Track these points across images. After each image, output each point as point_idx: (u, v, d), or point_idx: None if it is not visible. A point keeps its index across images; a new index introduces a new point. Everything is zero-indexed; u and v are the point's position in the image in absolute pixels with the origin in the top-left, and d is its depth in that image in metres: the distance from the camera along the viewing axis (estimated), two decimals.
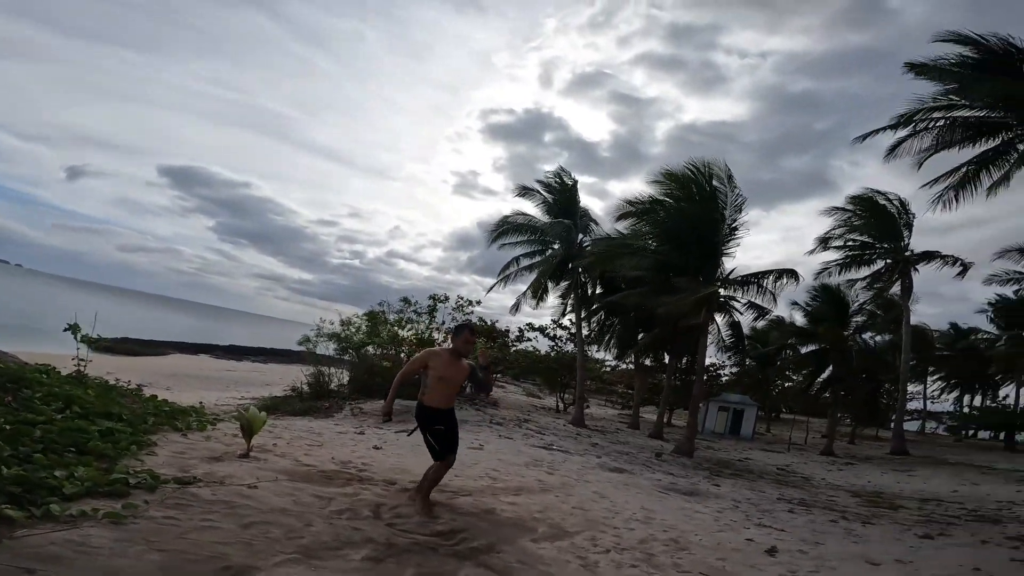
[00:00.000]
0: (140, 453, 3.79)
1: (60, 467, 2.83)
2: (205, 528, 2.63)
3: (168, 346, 36.70)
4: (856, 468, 15.51)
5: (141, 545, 2.30)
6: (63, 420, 3.72)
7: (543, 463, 7.81)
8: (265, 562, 2.43)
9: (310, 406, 11.82)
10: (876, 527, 6.61)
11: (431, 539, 3.32)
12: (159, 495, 2.94)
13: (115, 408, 4.65)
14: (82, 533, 2.28)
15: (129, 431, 4.15)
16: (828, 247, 20.59)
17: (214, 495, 3.14)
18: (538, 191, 19.10)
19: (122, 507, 2.62)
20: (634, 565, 3.70)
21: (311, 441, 6.65)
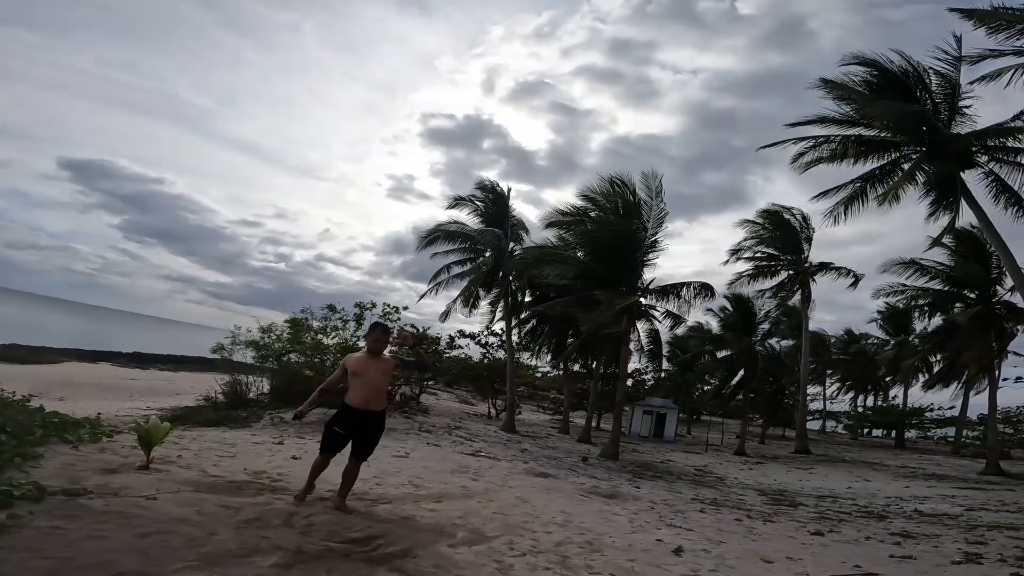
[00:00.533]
0: (24, 465, 3.50)
1: None
2: (96, 537, 2.49)
3: (62, 353, 33.18)
4: (765, 467, 16.66)
5: (26, 553, 2.16)
6: None
7: (469, 470, 7.87)
8: (162, 569, 2.35)
9: (225, 416, 11.15)
10: (775, 525, 7.03)
11: (344, 546, 3.31)
12: (45, 506, 2.75)
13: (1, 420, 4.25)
14: None
15: (13, 443, 3.81)
16: (740, 258, 22.32)
17: (106, 506, 2.97)
18: (471, 200, 19.36)
19: (6, 517, 2.44)
20: (548, 568, 3.84)
21: (222, 452, 6.33)
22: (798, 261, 21.48)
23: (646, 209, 15.03)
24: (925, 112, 12.54)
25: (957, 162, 12.37)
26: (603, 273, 15.22)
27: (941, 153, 12.37)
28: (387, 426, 4.63)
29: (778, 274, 22.16)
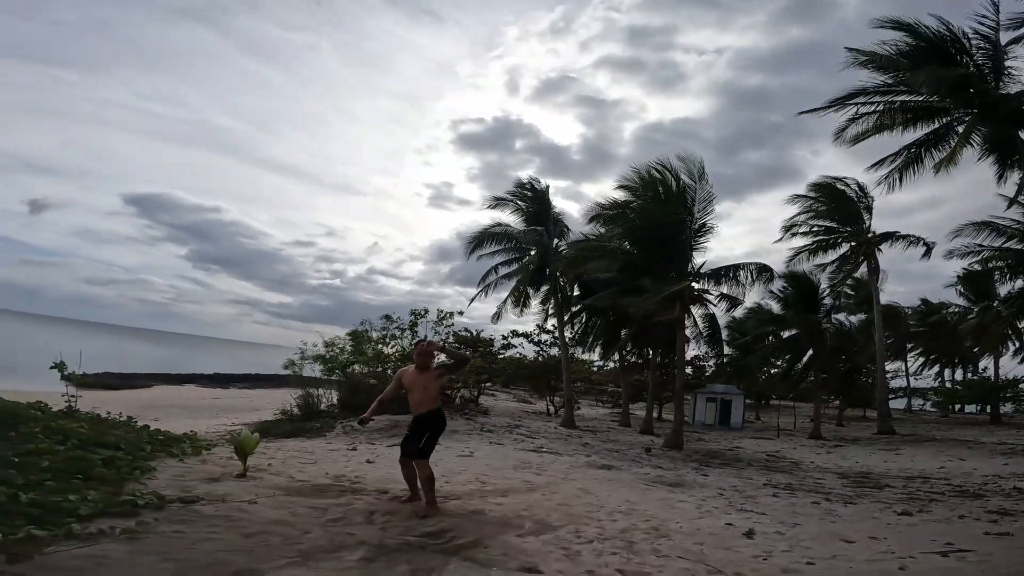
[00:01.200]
0: (142, 477, 4.00)
1: (71, 492, 3.05)
2: (210, 539, 2.87)
3: (151, 378, 36.23)
4: (844, 450, 15.78)
5: (154, 556, 2.54)
6: (65, 451, 3.92)
7: (531, 465, 8.08)
8: (268, 566, 2.68)
9: (300, 427, 11.92)
10: (857, 507, 6.76)
11: (420, 539, 3.59)
12: (166, 513, 3.17)
13: (110, 438, 4.84)
14: (101, 548, 2.52)
15: (129, 458, 4.35)
16: (795, 234, 21.32)
17: (216, 511, 3.38)
18: (511, 200, 19.49)
19: (135, 524, 2.86)
20: (614, 552, 3.97)
21: (304, 459, 6.85)
22: (859, 232, 20.31)
23: (690, 193, 14.66)
24: (970, 75, 11.87)
25: (1012, 122, 11.61)
26: (649, 262, 15.04)
27: (993, 115, 11.65)
28: (450, 428, 5.04)
29: (838, 247, 21.01)
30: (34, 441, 4.00)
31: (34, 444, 3.90)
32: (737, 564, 4.01)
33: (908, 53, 12.40)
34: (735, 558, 4.18)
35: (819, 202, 20.96)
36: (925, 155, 12.83)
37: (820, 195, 20.89)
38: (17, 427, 4.41)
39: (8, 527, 2.42)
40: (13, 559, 2.22)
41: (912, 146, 13.10)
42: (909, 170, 13.07)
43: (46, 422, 4.75)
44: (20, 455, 3.45)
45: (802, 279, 21.15)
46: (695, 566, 3.88)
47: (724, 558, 4.15)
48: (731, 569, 3.86)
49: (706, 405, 24.57)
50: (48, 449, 3.84)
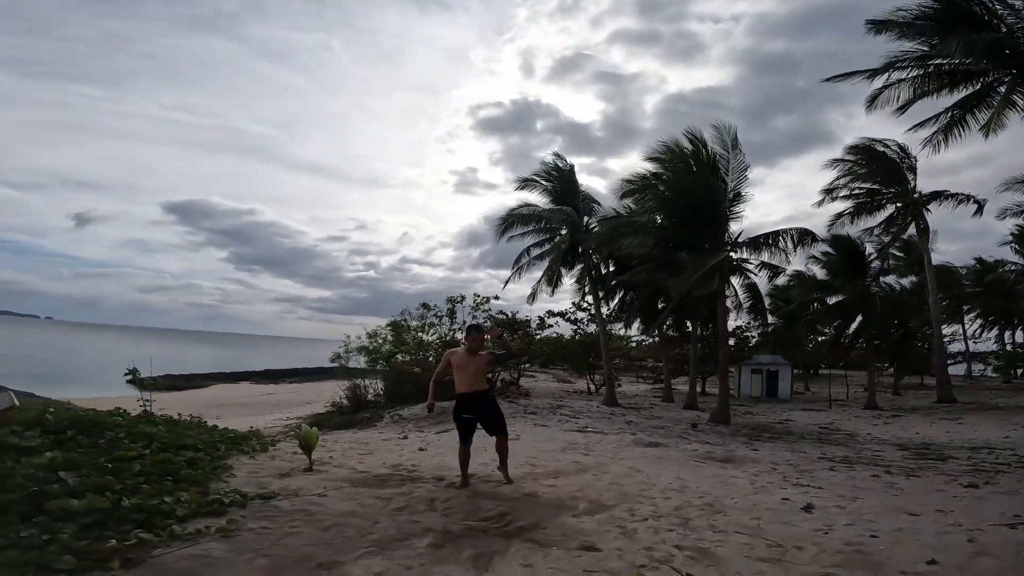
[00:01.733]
0: (223, 476, 4.32)
1: (165, 494, 3.35)
2: (293, 534, 3.12)
3: (208, 378, 38.31)
4: (902, 420, 15.32)
5: (250, 553, 2.79)
6: (151, 455, 4.26)
7: (579, 446, 8.23)
8: (347, 557, 2.90)
9: (351, 419, 12.43)
10: (920, 480, 6.60)
11: (481, 523, 3.77)
12: (249, 510, 3.45)
13: (188, 440, 5.21)
14: (203, 548, 2.79)
15: (208, 458, 4.69)
16: (835, 198, 20.66)
17: (293, 506, 3.64)
18: (538, 181, 19.44)
19: (227, 523, 3.13)
20: (670, 529, 4.05)
21: (361, 450, 7.19)
22: (905, 193, 19.66)
23: (723, 162, 14.33)
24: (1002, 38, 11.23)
25: None
26: (683, 235, 14.81)
27: None
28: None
29: (883, 209, 20.27)
30: (121, 447, 4.36)
31: (122, 450, 4.25)
32: (797, 538, 3.98)
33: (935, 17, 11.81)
34: (795, 532, 4.16)
35: (859, 165, 20.24)
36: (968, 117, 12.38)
37: (859, 157, 20.14)
38: (103, 434, 4.81)
39: (118, 532, 2.70)
40: (128, 563, 2.48)
41: (954, 108, 12.67)
42: (953, 131, 12.63)
43: (128, 428, 5.15)
44: (112, 461, 3.79)
45: (847, 242, 20.49)
46: (754, 540, 3.89)
47: (783, 532, 4.13)
48: (791, 543, 3.85)
49: (752, 377, 24.12)
50: (136, 454, 4.18)
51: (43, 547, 2.44)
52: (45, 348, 56.95)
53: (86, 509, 2.76)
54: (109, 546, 2.57)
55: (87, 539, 2.61)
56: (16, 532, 2.51)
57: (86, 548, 2.51)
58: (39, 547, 2.44)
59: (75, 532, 2.62)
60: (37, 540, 2.48)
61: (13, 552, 2.32)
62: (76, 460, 3.56)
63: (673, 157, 14.70)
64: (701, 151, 14.35)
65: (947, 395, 19.33)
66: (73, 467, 3.45)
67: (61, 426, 4.59)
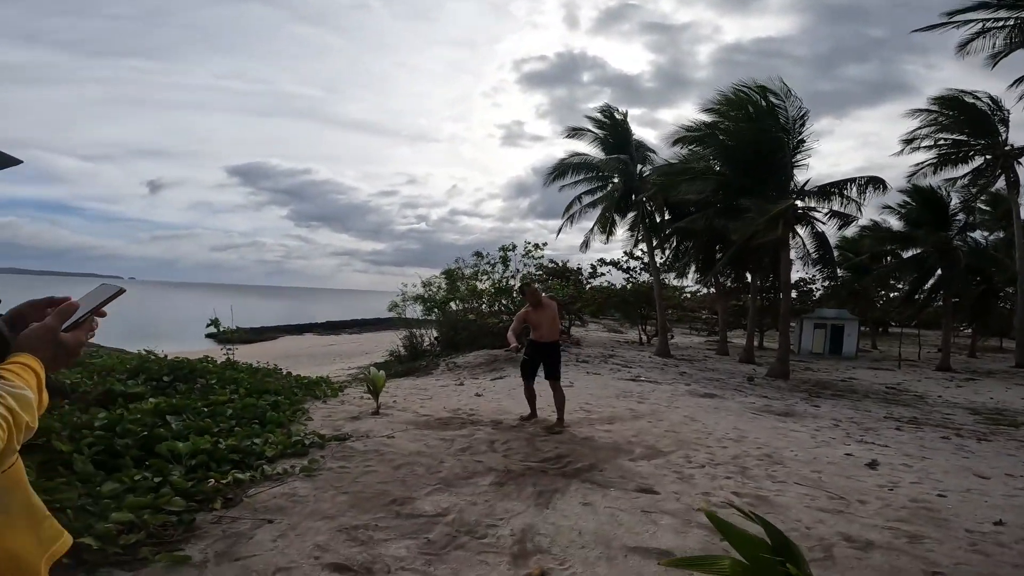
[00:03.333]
0: (301, 419, 4.70)
1: (255, 436, 3.70)
2: (368, 472, 3.39)
3: (276, 330, 40.88)
4: (977, 384, 14.48)
5: (332, 491, 3.07)
6: (240, 399, 4.69)
7: (632, 394, 8.30)
8: (419, 492, 3.13)
9: (409, 367, 13.02)
10: (992, 443, 6.42)
11: (541, 464, 3.95)
12: (327, 450, 3.76)
13: (269, 386, 5.67)
14: (290, 487, 3.09)
15: (288, 403, 5.11)
16: (916, 148, 19.31)
17: (365, 447, 3.93)
18: (589, 130, 18.93)
19: (308, 462, 3.43)
20: (728, 477, 4.09)
21: (421, 396, 7.58)
22: (995, 145, 18.23)
23: (782, 112, 13.77)
24: None
25: None
26: (745, 182, 14.20)
27: None
28: None
29: (969, 161, 18.90)
30: (214, 392, 4.81)
31: (216, 395, 4.70)
32: (860, 492, 3.95)
33: None
34: (858, 487, 4.10)
35: (944, 115, 18.78)
36: None
37: (945, 108, 18.74)
38: (197, 380, 5.31)
39: (218, 472, 3.03)
40: (228, 503, 2.78)
41: None
42: None
43: (219, 374, 5.66)
44: (208, 406, 4.20)
45: (928, 193, 19.13)
46: (814, 491, 3.88)
47: (846, 486, 4.09)
48: (854, 496, 3.82)
49: (814, 332, 22.92)
50: (226, 398, 4.61)
51: (156, 489, 2.70)
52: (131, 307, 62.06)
53: (191, 451, 3.10)
54: (211, 486, 2.88)
55: (192, 479, 2.92)
56: (131, 476, 2.79)
57: (192, 488, 2.79)
58: (153, 489, 2.70)
59: (182, 474, 2.93)
60: (151, 483, 2.76)
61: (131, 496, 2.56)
62: (178, 405, 3.96)
63: (730, 106, 14.22)
64: (759, 99, 13.86)
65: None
66: (176, 412, 3.86)
67: (160, 373, 5.10)
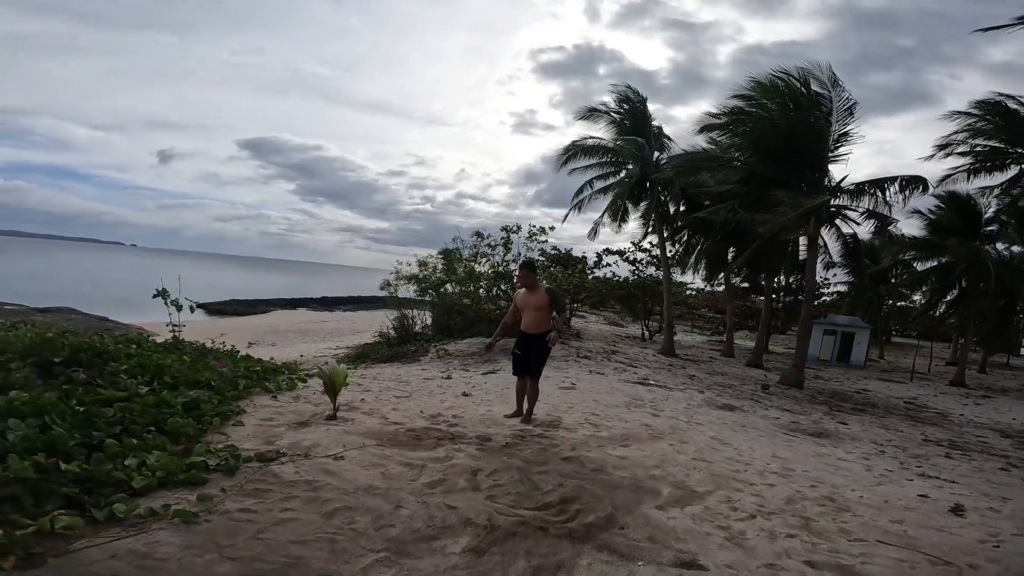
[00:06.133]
0: (226, 425, 3.60)
1: (133, 453, 2.59)
2: (284, 522, 2.28)
3: (270, 304, 39.90)
4: (995, 402, 13.74)
5: (212, 553, 1.96)
6: (146, 395, 3.58)
7: (644, 402, 7.22)
8: (350, 567, 2.03)
9: (397, 352, 12.00)
10: None
11: (539, 514, 2.85)
12: (238, 479, 2.65)
13: (205, 375, 4.57)
14: (148, 540, 1.97)
15: (216, 400, 4.00)
16: (949, 154, 18.01)
17: (296, 473, 2.82)
18: (605, 111, 17.76)
19: (197, 499, 2.32)
20: (791, 535, 3.04)
21: (399, 392, 6.49)
22: None
23: (825, 100, 12.65)
24: None
25: None
26: (774, 175, 13.12)
27: None
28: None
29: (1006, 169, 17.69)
30: (116, 383, 3.70)
31: (116, 388, 3.59)
32: (965, 552, 3.03)
33: None
34: (957, 543, 3.17)
35: (984, 120, 17.55)
36: None
37: (986, 113, 17.51)
38: (107, 366, 4.19)
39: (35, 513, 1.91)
40: (28, 562, 1.69)
41: None
42: None
43: (139, 358, 4.55)
44: (88, 404, 3.09)
45: (963, 201, 18.22)
46: (910, 556, 2.91)
47: (942, 543, 3.15)
48: (961, 559, 2.89)
49: (823, 338, 21.90)
50: (128, 393, 3.50)
51: None
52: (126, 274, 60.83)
53: (4, 478, 1.99)
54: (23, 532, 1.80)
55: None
56: None
57: None
58: None
59: None
60: None
61: None
62: (44, 403, 2.84)
63: (765, 93, 13.07)
64: (799, 87, 12.74)
65: None
66: (39, 411, 2.75)
67: (59, 355, 3.98)
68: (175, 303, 6.40)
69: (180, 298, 6.45)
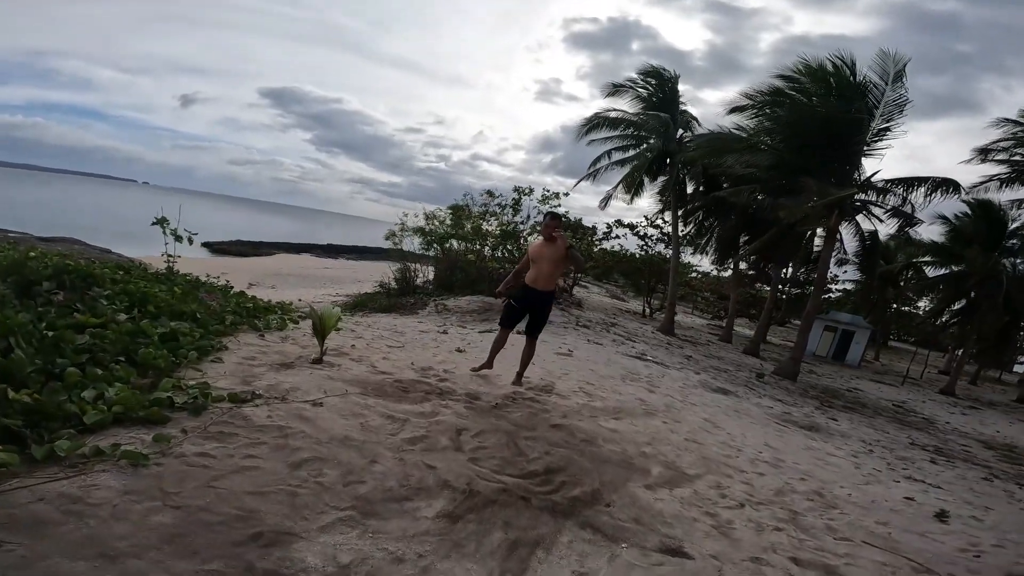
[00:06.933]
0: (204, 361, 3.44)
1: (95, 384, 2.42)
2: (244, 470, 2.12)
3: (274, 247, 39.76)
4: (981, 414, 13.88)
5: (154, 500, 1.78)
6: (124, 323, 3.40)
7: (640, 377, 7.08)
8: (308, 524, 1.87)
9: (396, 302, 11.88)
10: None
11: (522, 482, 2.70)
12: (204, 419, 2.49)
13: (191, 307, 4.40)
14: (86, 483, 1.78)
15: (198, 333, 3.84)
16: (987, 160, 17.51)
17: (269, 418, 2.67)
18: (632, 87, 17.29)
19: (153, 439, 2.16)
20: (778, 528, 2.93)
21: (392, 342, 6.33)
22: None
23: (875, 92, 12.11)
24: None
25: None
26: (803, 163, 12.70)
27: None
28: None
29: None
30: (95, 309, 3.53)
31: (94, 314, 3.41)
32: (946, 560, 2.97)
33: None
34: (938, 551, 3.11)
35: None
36: None
37: None
38: (91, 290, 4.02)
39: None
40: None
41: None
42: None
43: (125, 285, 4.37)
44: (60, 328, 2.91)
45: (992, 210, 17.90)
46: (893, 560, 2.82)
47: (923, 549, 3.08)
48: (942, 568, 2.84)
49: (822, 334, 21.74)
50: (104, 320, 3.32)
51: None
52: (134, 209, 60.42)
53: None
54: None
55: None
56: None
57: None
58: None
59: None
60: None
61: None
62: (13, 323, 2.64)
63: (811, 75, 12.53)
64: (848, 74, 12.18)
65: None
66: (5, 333, 2.57)
67: (41, 277, 3.79)
68: (174, 233, 6.20)
69: (179, 229, 6.24)
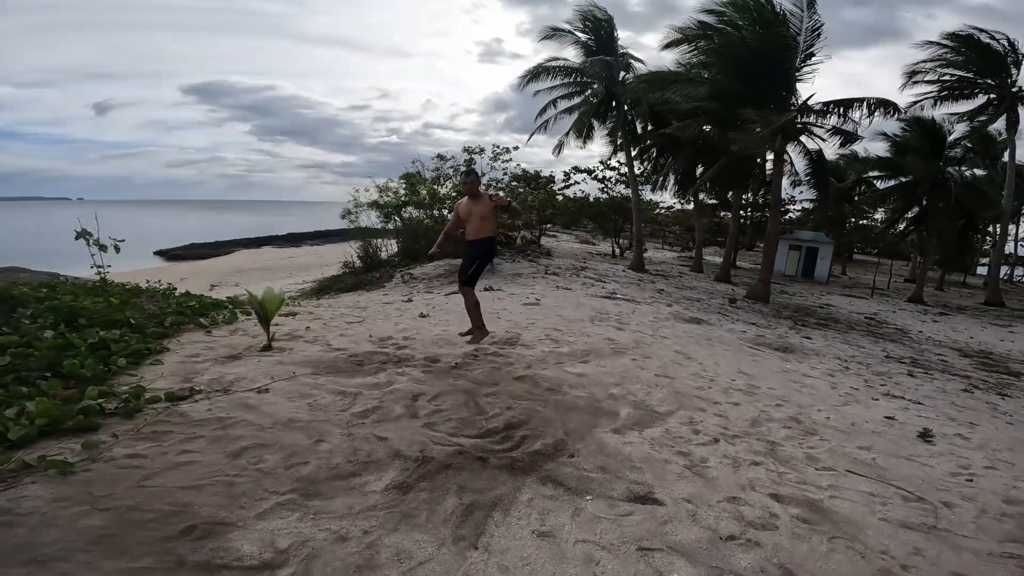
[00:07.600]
0: (141, 365, 3.26)
1: (18, 400, 2.26)
2: (179, 466, 2.03)
3: (233, 244, 38.38)
4: (952, 320, 14.26)
5: (83, 505, 1.71)
6: (49, 339, 3.19)
7: (609, 316, 7.10)
8: (244, 513, 1.80)
9: (361, 280, 11.68)
10: (1017, 400, 5.71)
11: (479, 442, 2.66)
12: (138, 421, 2.36)
13: (126, 314, 4.17)
14: (14, 495, 1.71)
15: (133, 339, 3.64)
16: (917, 81, 18.78)
17: (209, 411, 2.55)
18: (570, 32, 17.08)
19: (82, 446, 2.04)
20: (756, 463, 2.85)
21: (352, 318, 6.17)
22: (1003, 85, 18.14)
23: (794, 21, 12.73)
24: None
25: None
26: (743, 91, 12.93)
27: None
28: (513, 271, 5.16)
29: (972, 99, 18.79)
30: (17, 329, 3.29)
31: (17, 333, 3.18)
32: (936, 486, 2.86)
33: None
34: (928, 476, 3.01)
35: (956, 52, 18.44)
36: None
37: (959, 45, 18.37)
38: (15, 311, 3.75)
39: None
40: None
41: None
42: None
43: (51, 302, 4.10)
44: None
45: (928, 124, 19.03)
46: (881, 488, 2.72)
47: (912, 475, 2.99)
48: (934, 495, 2.72)
49: (788, 253, 22.36)
50: (23, 340, 3.09)
51: None
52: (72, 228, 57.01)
53: None
54: None
55: None
56: None
57: None
58: None
59: None
60: None
61: None
62: None
63: (736, 8, 12.89)
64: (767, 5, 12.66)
65: (997, 298, 18.90)
66: None
67: None
68: (98, 243, 5.84)
69: (102, 238, 5.87)
